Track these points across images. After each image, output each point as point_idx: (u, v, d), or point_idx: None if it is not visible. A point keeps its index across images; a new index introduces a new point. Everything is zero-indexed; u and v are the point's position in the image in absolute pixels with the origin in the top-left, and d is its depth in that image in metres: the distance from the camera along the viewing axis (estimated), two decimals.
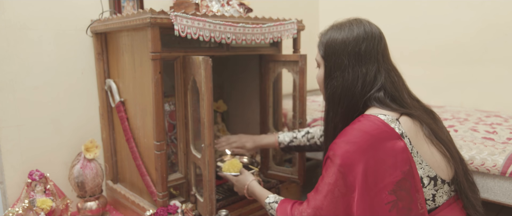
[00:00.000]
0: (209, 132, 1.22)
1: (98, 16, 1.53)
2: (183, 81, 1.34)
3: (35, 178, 1.39)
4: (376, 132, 0.93)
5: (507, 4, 1.90)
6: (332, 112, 1.07)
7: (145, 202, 1.42)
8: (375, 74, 1.01)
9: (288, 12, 2.33)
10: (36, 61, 1.44)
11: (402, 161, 0.92)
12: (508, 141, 1.36)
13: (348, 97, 1.02)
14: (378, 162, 0.92)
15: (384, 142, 0.92)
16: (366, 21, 1.06)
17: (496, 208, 1.71)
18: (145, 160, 1.40)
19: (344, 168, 0.93)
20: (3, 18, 1.35)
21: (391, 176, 0.91)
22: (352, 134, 0.96)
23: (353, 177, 0.92)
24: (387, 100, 1.00)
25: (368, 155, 0.92)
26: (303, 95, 1.57)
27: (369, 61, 1.01)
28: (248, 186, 1.31)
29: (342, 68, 1.02)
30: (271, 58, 1.63)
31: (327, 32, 1.08)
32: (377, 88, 1.01)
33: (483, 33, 2.00)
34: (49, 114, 1.50)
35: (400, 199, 0.91)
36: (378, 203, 0.91)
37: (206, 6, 1.47)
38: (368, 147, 0.92)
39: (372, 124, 0.94)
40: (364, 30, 1.02)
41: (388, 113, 0.97)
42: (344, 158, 0.94)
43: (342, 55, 1.02)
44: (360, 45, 1.01)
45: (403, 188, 0.91)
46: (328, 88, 1.06)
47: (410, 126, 0.98)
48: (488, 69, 2.01)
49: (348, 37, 1.02)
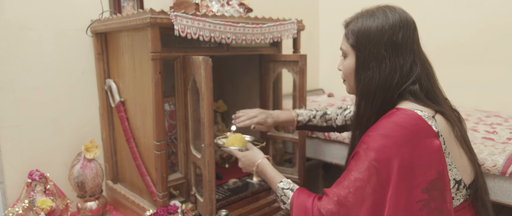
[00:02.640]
0: (209, 132, 1.22)
1: (98, 16, 1.53)
2: (183, 81, 1.34)
3: (35, 178, 1.39)
4: (415, 128, 0.88)
5: (507, 4, 1.90)
6: (365, 104, 0.99)
7: (145, 202, 1.42)
8: (411, 65, 0.95)
9: (288, 12, 2.33)
10: (36, 61, 1.44)
11: (437, 160, 0.88)
12: (508, 141, 1.36)
13: (384, 89, 0.95)
14: (414, 159, 0.86)
15: (422, 139, 0.88)
16: (400, 8, 0.99)
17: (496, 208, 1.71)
18: (145, 160, 1.40)
19: (379, 163, 0.87)
20: (3, 18, 1.35)
21: (426, 174, 0.87)
22: (388, 127, 0.89)
23: (388, 173, 0.86)
24: (422, 94, 0.95)
25: (404, 151, 0.86)
26: (303, 95, 1.57)
27: (406, 51, 0.95)
28: (259, 164, 1.20)
29: (379, 59, 0.94)
30: (271, 58, 1.63)
31: (357, 19, 1.00)
32: (412, 80, 0.95)
33: (483, 33, 2.00)
34: (49, 114, 1.50)
35: (432, 199, 0.87)
36: (410, 200, 0.86)
37: (206, 6, 1.47)
38: (405, 142, 0.87)
39: (410, 119, 0.89)
40: (400, 17, 0.95)
41: (424, 109, 0.93)
42: (379, 152, 0.88)
43: (378, 45, 0.94)
44: (397, 33, 0.94)
45: (436, 188, 0.87)
46: (361, 80, 0.98)
47: (445, 125, 0.94)
48: (488, 69, 2.01)
49: (383, 25, 0.94)
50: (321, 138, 1.77)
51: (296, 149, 1.65)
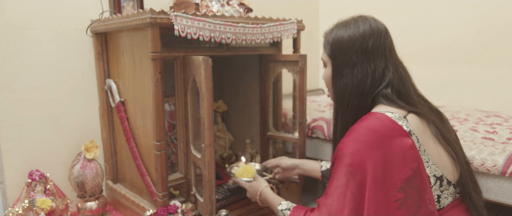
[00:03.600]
0: (209, 132, 1.22)
1: (98, 16, 1.53)
2: (183, 81, 1.34)
3: (35, 178, 1.38)
4: (384, 129, 0.92)
5: (507, 4, 1.90)
6: (342, 110, 1.06)
7: (145, 202, 1.42)
8: (383, 69, 1.01)
9: (288, 12, 2.33)
10: (36, 61, 1.44)
11: (410, 158, 0.91)
12: (508, 141, 1.36)
13: (357, 93, 1.01)
14: (386, 160, 0.91)
15: (392, 140, 0.92)
16: (371, 17, 1.05)
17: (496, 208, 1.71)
18: (145, 160, 1.40)
19: (353, 167, 0.92)
20: (3, 18, 1.35)
21: (400, 173, 0.90)
22: (360, 132, 0.95)
23: (363, 176, 0.91)
24: (394, 97, 1.00)
25: (376, 153, 0.91)
26: (303, 95, 1.57)
27: (377, 56, 1.01)
28: (261, 193, 1.29)
29: (351, 65, 1.01)
30: (271, 58, 1.63)
31: (332, 30, 1.07)
32: (385, 84, 1.00)
33: (483, 33, 2.00)
34: (49, 114, 1.50)
35: (409, 197, 0.90)
36: (387, 200, 0.90)
37: (206, 6, 1.47)
38: (376, 144, 0.91)
39: (380, 121, 0.94)
40: (370, 26, 1.02)
41: (395, 111, 0.97)
42: (352, 157, 0.93)
43: (350, 52, 1.01)
44: (367, 41, 1.00)
45: (412, 186, 0.91)
46: (337, 86, 1.05)
47: (418, 124, 0.97)
48: (488, 69, 2.01)
49: (354, 34, 1.01)
50: (321, 138, 1.77)
51: (296, 149, 1.65)
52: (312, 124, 1.82)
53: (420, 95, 1.09)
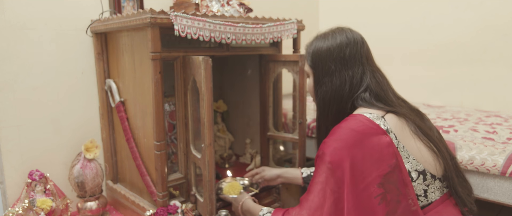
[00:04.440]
0: (209, 132, 1.22)
1: (98, 16, 1.53)
2: (183, 81, 1.34)
3: (35, 178, 1.39)
4: (362, 128, 0.98)
5: (507, 4, 1.90)
6: (323, 115, 1.14)
7: (145, 202, 1.43)
8: (361, 76, 1.08)
9: (288, 12, 2.33)
10: (36, 61, 1.44)
11: (388, 155, 0.96)
12: (508, 141, 1.36)
13: (337, 99, 1.09)
14: (364, 157, 0.95)
15: (370, 138, 0.97)
16: (348, 28, 1.13)
17: (496, 208, 1.71)
18: (145, 160, 1.40)
19: (332, 165, 0.97)
20: (3, 18, 1.35)
21: (378, 169, 0.95)
22: (339, 132, 1.00)
23: (342, 172, 0.96)
24: (373, 99, 1.06)
25: (354, 151, 0.96)
26: (303, 95, 1.57)
27: (354, 64, 1.08)
28: (243, 203, 1.32)
29: (330, 73, 1.09)
30: (271, 58, 1.63)
31: (312, 43, 1.16)
32: (363, 88, 1.07)
33: (483, 33, 2.00)
34: (49, 114, 1.50)
35: (388, 192, 0.95)
36: (367, 196, 0.94)
37: (206, 6, 1.47)
38: (354, 143, 0.96)
39: (358, 121, 0.99)
40: (346, 37, 1.10)
41: (373, 111, 1.03)
42: (332, 155, 0.98)
43: (329, 62, 1.09)
44: (344, 50, 1.08)
45: (390, 181, 0.95)
46: (318, 94, 1.13)
47: (396, 122, 1.02)
48: (488, 69, 2.01)
49: (332, 45, 1.09)
50: None
51: (296, 149, 1.65)
52: (312, 124, 1.82)
53: (399, 97, 1.15)
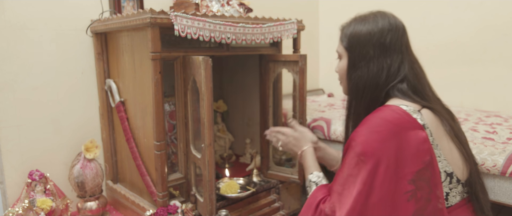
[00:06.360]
0: (209, 132, 1.22)
1: (98, 16, 1.53)
2: (183, 81, 1.34)
3: (35, 178, 1.38)
4: (399, 121, 0.93)
5: (507, 4, 1.90)
6: (355, 102, 1.06)
7: (145, 202, 1.42)
8: (399, 65, 1.02)
9: (288, 12, 2.33)
10: (36, 61, 1.44)
11: (423, 151, 0.91)
12: (508, 141, 1.36)
13: (372, 86, 1.02)
14: (399, 151, 0.91)
15: (406, 132, 0.92)
16: (391, 13, 1.07)
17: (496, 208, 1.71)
18: (145, 160, 1.40)
19: (365, 156, 0.92)
20: (3, 18, 1.35)
21: (412, 165, 0.90)
22: (374, 122, 0.95)
23: (374, 165, 0.90)
24: (409, 91, 1.01)
25: (389, 144, 0.91)
26: (303, 95, 1.57)
27: (393, 52, 1.02)
28: (303, 152, 1.25)
29: (367, 59, 1.02)
30: (271, 58, 1.63)
31: (350, 24, 1.08)
32: (400, 79, 1.02)
33: (483, 33, 2.00)
34: (49, 114, 1.50)
35: (419, 189, 0.90)
36: (397, 192, 0.90)
37: (206, 6, 1.47)
38: (390, 136, 0.91)
39: (394, 113, 0.94)
40: (389, 22, 1.03)
41: (410, 104, 0.98)
42: (365, 145, 0.93)
43: (367, 46, 1.02)
44: (385, 36, 1.01)
45: (422, 178, 0.91)
46: (352, 79, 1.06)
47: (432, 119, 0.98)
48: (488, 69, 2.01)
49: (373, 29, 1.03)
50: (321, 138, 1.77)
51: None
52: (312, 124, 1.82)
53: (434, 92, 1.10)
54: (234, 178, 1.62)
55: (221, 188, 1.50)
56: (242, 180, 1.61)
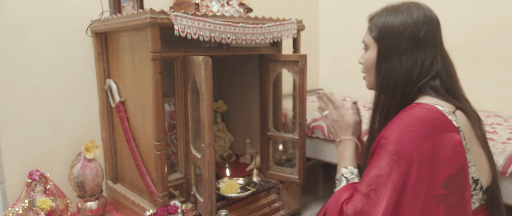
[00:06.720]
0: (209, 132, 1.22)
1: (98, 16, 1.53)
2: (183, 81, 1.34)
3: (35, 178, 1.38)
4: (435, 121, 0.88)
5: (507, 4, 1.90)
6: (385, 97, 1.00)
7: (145, 202, 1.42)
8: (432, 60, 0.97)
9: (288, 12, 2.33)
10: (36, 61, 1.44)
11: (458, 155, 0.87)
12: (508, 141, 1.36)
13: (403, 82, 0.96)
14: (434, 153, 0.86)
15: (442, 133, 0.87)
16: (425, 5, 1.01)
17: None
18: (145, 160, 1.40)
19: (398, 156, 0.86)
20: (3, 18, 1.35)
21: (445, 169, 0.86)
22: (408, 121, 0.89)
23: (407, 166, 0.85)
24: (443, 90, 0.96)
25: (424, 145, 0.86)
26: (303, 95, 1.57)
27: (427, 46, 0.96)
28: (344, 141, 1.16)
29: (401, 52, 0.96)
30: (271, 58, 1.63)
31: (381, 14, 1.02)
32: (432, 75, 0.96)
33: (483, 33, 2.00)
34: (49, 114, 1.50)
35: (450, 194, 0.86)
36: (427, 195, 0.85)
37: (206, 6, 1.47)
38: (426, 136, 0.86)
39: (430, 113, 0.89)
40: (424, 14, 0.98)
41: (444, 104, 0.93)
42: (398, 145, 0.87)
43: (401, 38, 0.96)
44: (420, 29, 0.96)
45: (455, 183, 0.86)
46: (381, 71, 1.00)
47: (465, 122, 0.94)
48: (488, 69, 2.01)
49: (407, 20, 0.97)
50: (321, 138, 1.77)
51: (296, 149, 1.65)
52: (312, 124, 1.82)
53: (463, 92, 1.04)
54: (234, 178, 1.62)
55: (221, 188, 1.50)
56: (242, 180, 1.62)
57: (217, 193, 1.45)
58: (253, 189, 1.52)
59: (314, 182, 2.31)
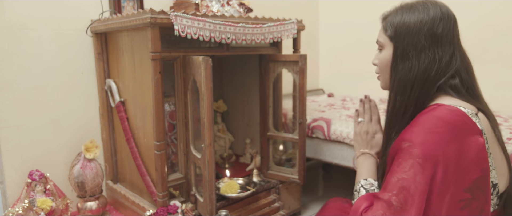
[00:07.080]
0: (209, 132, 1.22)
1: (98, 16, 1.53)
2: (183, 81, 1.34)
3: (35, 178, 1.38)
4: (459, 123, 0.85)
5: (507, 4, 1.90)
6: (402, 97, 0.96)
7: (145, 202, 1.43)
8: (450, 57, 0.94)
9: (288, 12, 2.33)
10: (36, 61, 1.44)
11: (482, 158, 0.85)
12: (508, 141, 1.36)
13: (421, 80, 0.93)
14: (460, 157, 0.83)
15: (467, 136, 0.84)
16: (441, 2, 0.99)
17: None
18: (145, 160, 1.40)
19: (424, 160, 0.83)
20: (3, 18, 1.35)
21: (471, 172, 0.83)
22: (431, 122, 0.86)
23: (433, 169, 0.82)
24: (464, 90, 0.93)
25: (450, 148, 0.83)
26: (303, 95, 1.57)
27: (445, 43, 0.94)
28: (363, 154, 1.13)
29: (419, 49, 0.94)
30: (271, 58, 1.63)
31: (396, 12, 1.00)
32: (451, 73, 0.94)
33: (483, 33, 2.00)
34: (49, 114, 1.50)
35: (475, 198, 0.84)
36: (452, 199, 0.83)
37: (206, 6, 1.47)
38: (451, 139, 0.83)
39: (454, 114, 0.86)
40: (441, 11, 0.96)
41: (467, 106, 0.90)
42: (423, 147, 0.83)
43: (419, 35, 0.94)
44: (437, 25, 0.94)
45: (480, 187, 0.84)
46: (398, 70, 0.97)
47: (487, 124, 0.92)
48: (488, 69, 2.01)
49: (424, 17, 0.94)
50: (321, 138, 1.77)
51: (296, 149, 1.65)
52: (312, 124, 1.82)
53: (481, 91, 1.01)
54: (234, 178, 1.62)
55: (221, 188, 1.50)
56: (242, 180, 1.62)
57: (217, 193, 1.45)
58: (253, 189, 1.52)
59: (314, 182, 2.31)
